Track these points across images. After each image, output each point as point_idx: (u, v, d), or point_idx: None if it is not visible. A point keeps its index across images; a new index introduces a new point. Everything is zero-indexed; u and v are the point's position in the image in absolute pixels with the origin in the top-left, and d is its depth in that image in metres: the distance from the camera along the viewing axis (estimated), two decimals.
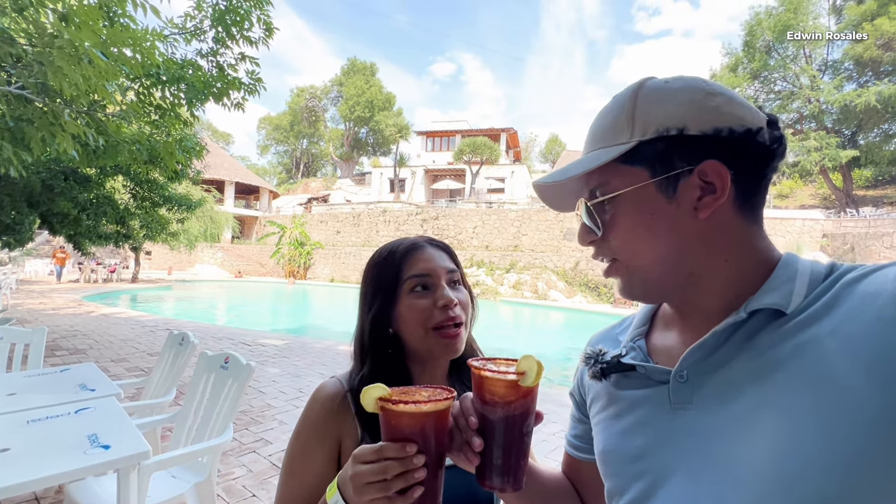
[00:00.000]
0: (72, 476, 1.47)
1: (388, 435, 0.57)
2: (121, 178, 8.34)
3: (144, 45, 3.52)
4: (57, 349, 6.55)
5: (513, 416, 0.59)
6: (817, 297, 0.48)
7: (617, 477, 0.60)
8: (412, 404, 0.55)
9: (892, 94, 20.67)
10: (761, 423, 0.46)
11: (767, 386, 0.47)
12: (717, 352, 0.52)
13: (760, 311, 0.50)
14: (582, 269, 19.23)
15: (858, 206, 23.34)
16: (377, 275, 0.84)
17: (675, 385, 0.54)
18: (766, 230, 0.55)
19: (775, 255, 0.54)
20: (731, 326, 0.51)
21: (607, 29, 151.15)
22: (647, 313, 0.68)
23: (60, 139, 3.26)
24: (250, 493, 2.84)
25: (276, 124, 53.10)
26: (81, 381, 2.42)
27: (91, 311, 10.86)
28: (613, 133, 0.55)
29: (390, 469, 0.54)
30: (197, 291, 20.68)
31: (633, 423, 0.59)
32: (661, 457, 0.54)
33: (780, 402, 0.45)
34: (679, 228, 0.53)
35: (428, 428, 0.57)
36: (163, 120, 4.81)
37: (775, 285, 0.51)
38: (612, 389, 0.64)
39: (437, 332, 0.78)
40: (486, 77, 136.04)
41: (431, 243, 0.86)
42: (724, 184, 0.50)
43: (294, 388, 5.21)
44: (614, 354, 0.63)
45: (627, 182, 0.54)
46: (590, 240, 0.59)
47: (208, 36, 4.73)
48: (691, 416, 0.52)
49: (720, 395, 0.51)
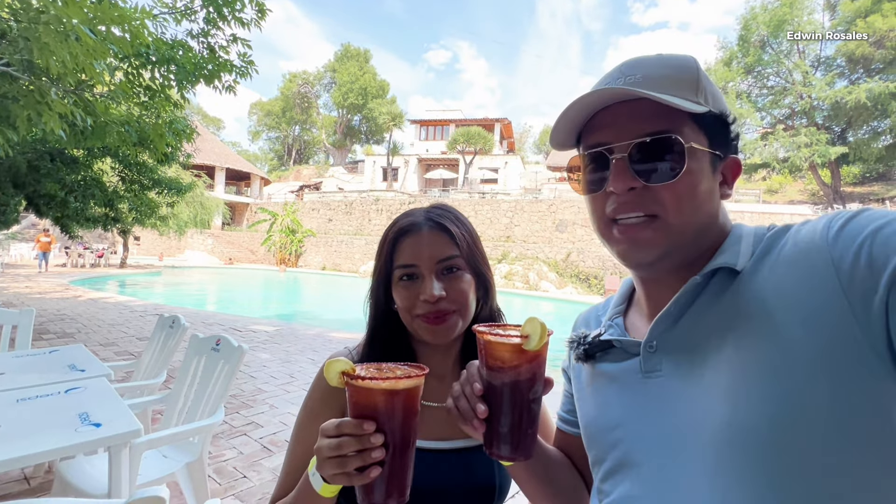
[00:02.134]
0: (63, 452, 1.48)
1: (350, 411, 0.56)
2: (109, 161, 8.18)
3: (133, 24, 3.45)
4: (44, 332, 6.49)
5: (518, 381, 0.57)
6: (760, 254, 0.52)
7: (597, 447, 0.62)
8: (370, 380, 0.54)
9: (883, 92, 20.87)
10: (720, 382, 0.48)
11: (725, 347, 0.49)
12: (682, 319, 0.55)
13: (717, 274, 0.53)
14: (573, 260, 19.36)
15: (846, 203, 23.69)
16: (379, 252, 0.84)
17: (646, 354, 0.57)
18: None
19: (730, 226, 0.59)
20: (690, 292, 0.54)
21: (603, 20, 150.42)
22: (624, 293, 0.70)
23: (47, 118, 3.20)
24: (241, 473, 2.87)
25: (267, 110, 52.36)
26: (71, 361, 2.41)
27: (79, 296, 10.74)
28: (684, 88, 0.53)
29: (346, 445, 0.54)
30: (187, 277, 20.50)
31: (610, 395, 0.61)
32: (634, 424, 0.57)
33: (735, 361, 0.48)
34: (716, 201, 0.57)
35: (390, 406, 0.54)
36: (152, 101, 4.72)
37: (725, 248, 0.54)
38: (594, 365, 0.66)
39: (420, 318, 0.77)
40: (481, 66, 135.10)
41: (430, 223, 0.81)
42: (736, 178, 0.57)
43: (285, 373, 5.23)
44: (595, 334, 0.66)
45: (700, 141, 0.54)
46: (634, 185, 0.53)
47: (199, 16, 4.64)
48: (661, 382, 0.55)
49: (686, 360, 0.53)
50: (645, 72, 0.54)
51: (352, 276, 22.48)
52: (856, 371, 0.41)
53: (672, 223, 0.53)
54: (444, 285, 0.76)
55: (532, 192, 27.24)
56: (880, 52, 22.34)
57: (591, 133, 0.58)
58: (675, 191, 0.52)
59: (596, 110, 0.56)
